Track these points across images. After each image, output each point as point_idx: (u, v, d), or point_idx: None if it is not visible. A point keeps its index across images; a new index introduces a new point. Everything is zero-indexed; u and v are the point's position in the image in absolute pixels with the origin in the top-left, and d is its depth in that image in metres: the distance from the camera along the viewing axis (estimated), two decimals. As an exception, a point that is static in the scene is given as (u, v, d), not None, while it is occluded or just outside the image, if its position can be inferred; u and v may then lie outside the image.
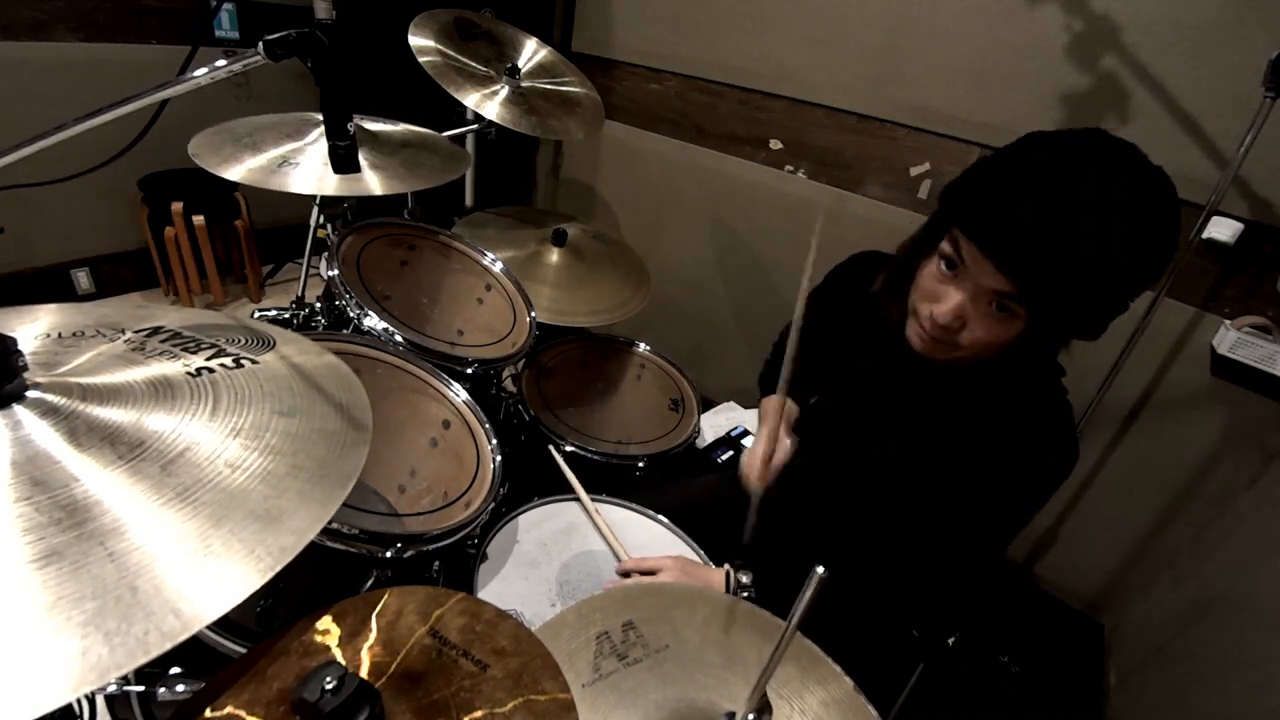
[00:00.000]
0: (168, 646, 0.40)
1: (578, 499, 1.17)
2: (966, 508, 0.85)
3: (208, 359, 0.63)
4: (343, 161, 0.86)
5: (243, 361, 0.64)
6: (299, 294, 1.73)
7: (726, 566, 0.98)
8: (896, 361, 0.90)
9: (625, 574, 1.03)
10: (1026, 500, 0.85)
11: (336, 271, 1.18)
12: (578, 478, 1.20)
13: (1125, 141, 0.72)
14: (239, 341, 0.68)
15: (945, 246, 0.77)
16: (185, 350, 0.64)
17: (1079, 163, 0.70)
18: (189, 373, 0.60)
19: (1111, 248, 0.67)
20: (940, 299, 0.77)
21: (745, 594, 0.95)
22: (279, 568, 0.47)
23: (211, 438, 0.54)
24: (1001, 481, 0.83)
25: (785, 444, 1.03)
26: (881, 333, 0.92)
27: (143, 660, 0.39)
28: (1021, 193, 0.69)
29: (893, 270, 0.89)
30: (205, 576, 0.45)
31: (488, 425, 1.11)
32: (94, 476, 0.48)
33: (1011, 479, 0.83)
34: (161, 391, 0.57)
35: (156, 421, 0.53)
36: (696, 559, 1.08)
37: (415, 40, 1.59)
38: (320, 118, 1.22)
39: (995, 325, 0.75)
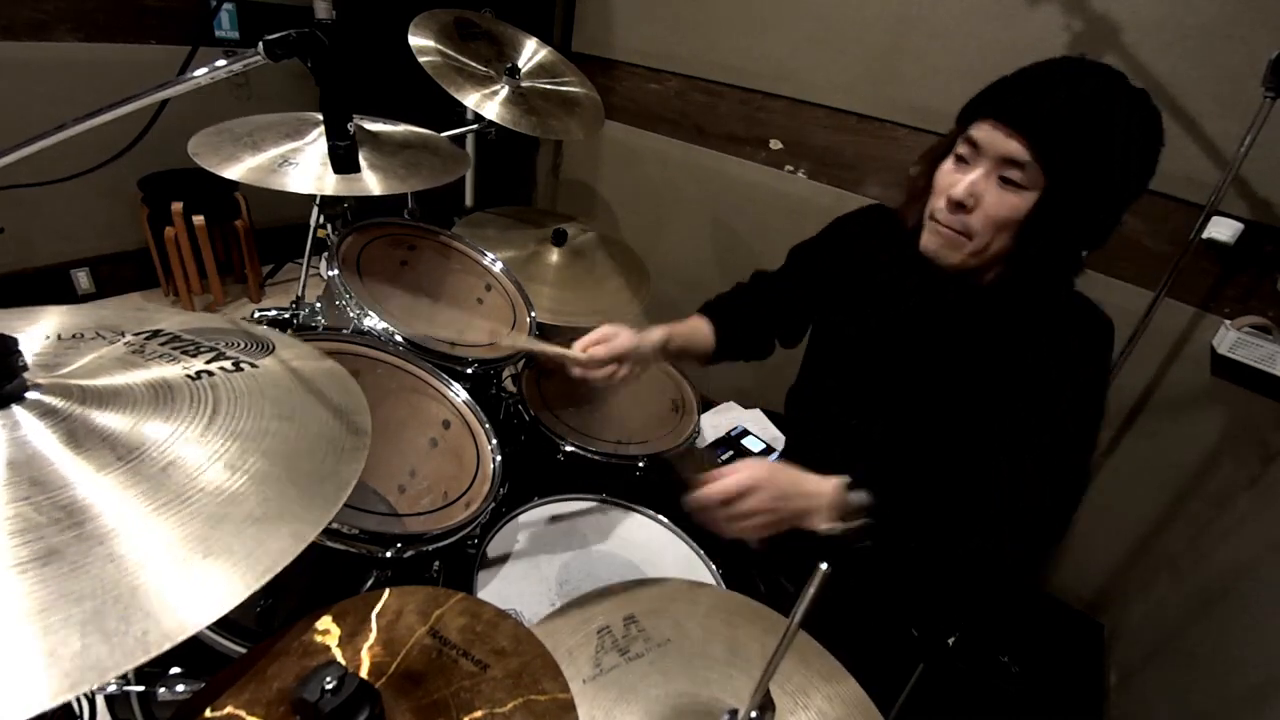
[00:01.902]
0: (167, 646, 0.40)
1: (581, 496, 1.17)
2: (1047, 423, 0.83)
3: (207, 362, 0.63)
4: (343, 161, 0.86)
5: (242, 365, 0.64)
6: (299, 294, 1.73)
7: (844, 480, 0.83)
8: (921, 293, 0.93)
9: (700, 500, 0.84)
10: (1096, 390, 0.85)
11: (336, 271, 1.18)
12: (578, 479, 1.20)
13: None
14: (238, 345, 0.68)
15: (959, 146, 0.83)
16: (185, 353, 0.64)
17: (1076, 59, 0.80)
18: (188, 376, 0.60)
19: (1112, 107, 0.75)
20: (955, 184, 0.82)
21: (859, 520, 0.80)
22: (276, 571, 0.46)
23: (211, 441, 0.54)
24: (1068, 383, 0.83)
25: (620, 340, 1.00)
26: (905, 269, 0.94)
27: (143, 659, 0.39)
28: (1025, 71, 0.80)
29: (911, 182, 0.93)
30: (204, 578, 0.45)
31: (488, 425, 1.11)
32: (92, 478, 0.48)
33: (1074, 376, 0.83)
34: (161, 395, 0.57)
35: (156, 424, 0.53)
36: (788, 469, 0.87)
37: (415, 40, 1.59)
38: (320, 118, 1.22)
39: (1006, 198, 0.79)
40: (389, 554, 0.85)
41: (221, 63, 0.70)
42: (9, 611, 0.39)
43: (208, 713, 0.51)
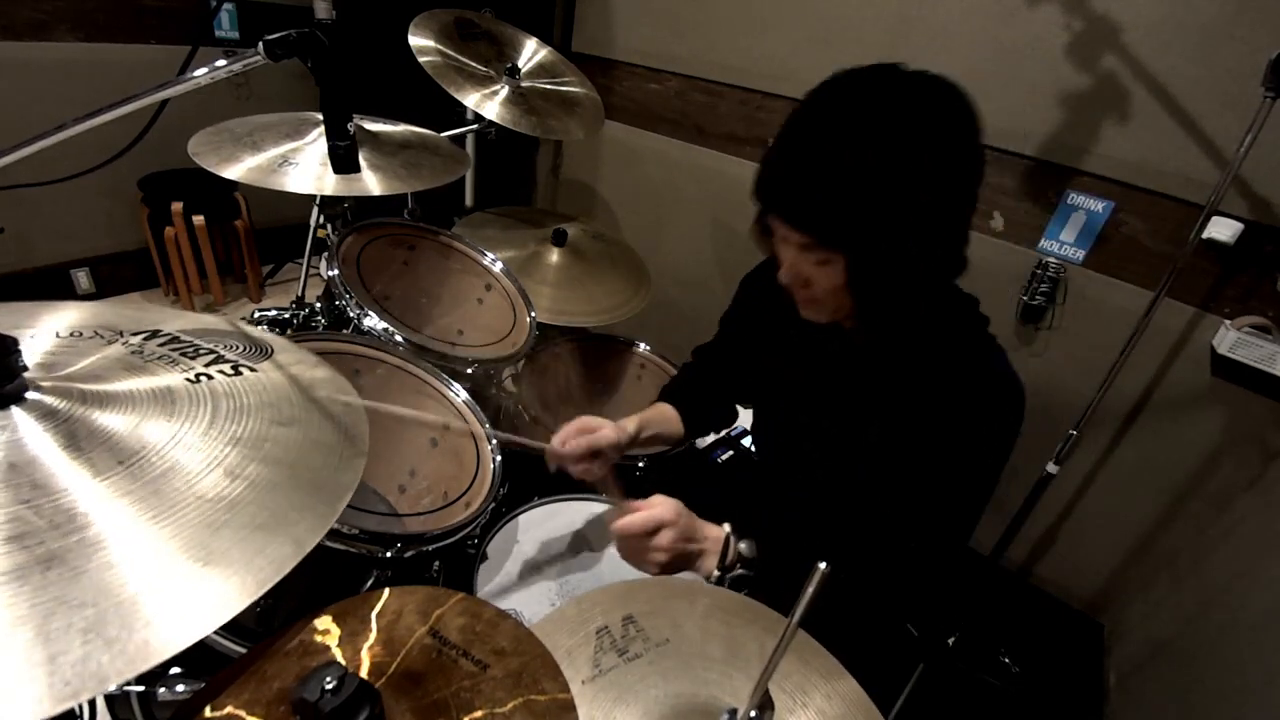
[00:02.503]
0: (168, 655, 0.40)
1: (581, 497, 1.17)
2: (924, 480, 0.84)
3: (206, 365, 0.63)
4: (343, 161, 0.86)
5: (241, 369, 0.64)
6: (299, 294, 1.73)
7: (727, 527, 0.89)
8: (814, 348, 0.95)
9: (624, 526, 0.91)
10: (983, 458, 0.83)
11: (336, 271, 1.18)
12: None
13: (880, 65, 0.73)
14: (237, 348, 0.68)
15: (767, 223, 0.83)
16: (184, 355, 0.64)
17: (814, 99, 0.76)
18: (188, 379, 0.60)
19: (866, 159, 0.69)
20: (781, 268, 0.83)
21: (740, 568, 0.87)
22: (278, 579, 0.46)
23: (210, 445, 0.54)
24: (952, 446, 0.82)
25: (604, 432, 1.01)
26: (796, 325, 0.93)
27: (143, 668, 0.39)
28: (777, 153, 0.78)
29: (767, 252, 0.92)
30: (204, 584, 0.44)
31: (487, 425, 1.11)
32: (92, 482, 0.48)
33: (960, 441, 0.82)
34: (161, 398, 0.56)
35: (155, 427, 0.53)
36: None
37: (415, 40, 1.59)
38: (320, 118, 1.22)
39: (824, 272, 0.78)
40: (389, 554, 0.85)
41: (221, 63, 0.70)
42: (9, 617, 0.39)
43: (208, 713, 0.51)
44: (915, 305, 0.81)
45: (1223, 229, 1.42)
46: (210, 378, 0.61)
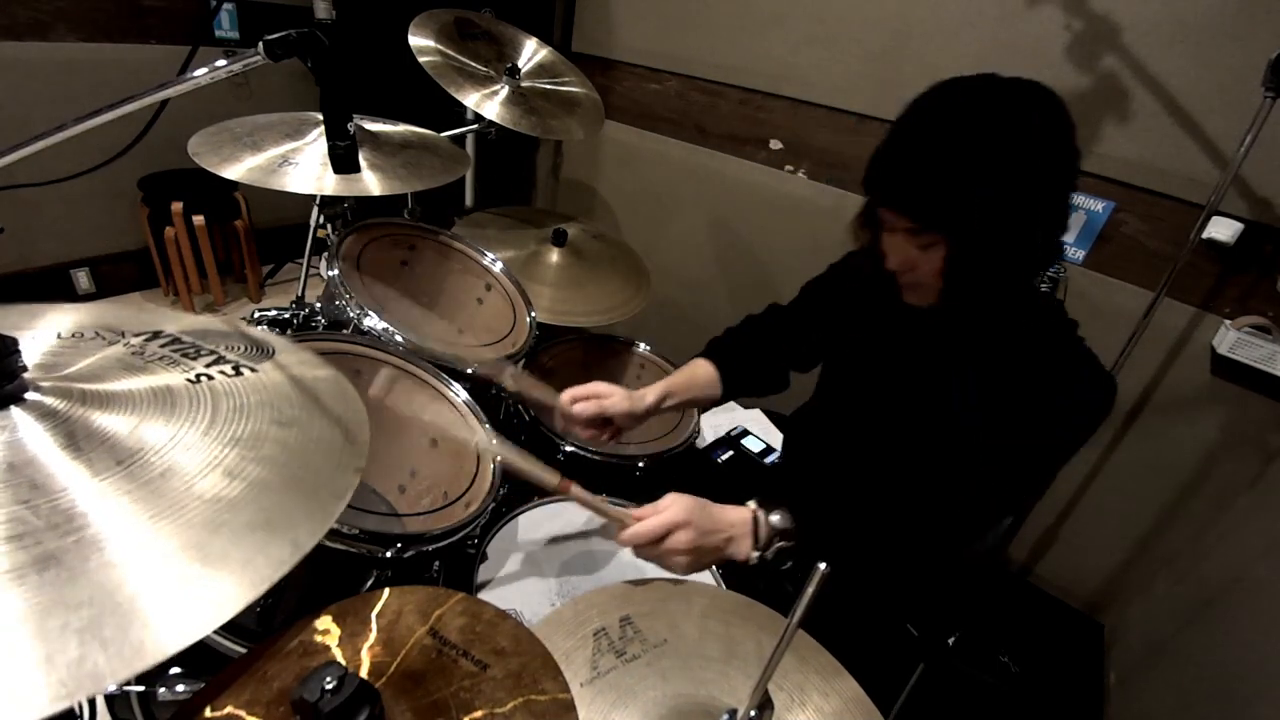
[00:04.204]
0: (164, 656, 0.40)
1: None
2: (996, 454, 0.86)
3: (207, 365, 0.63)
4: (343, 161, 0.86)
5: (242, 369, 0.64)
6: (299, 294, 1.73)
7: (752, 504, 0.87)
8: (900, 326, 0.98)
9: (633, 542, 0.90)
10: (1058, 444, 0.86)
11: (336, 271, 1.18)
12: (578, 479, 1.20)
13: (981, 74, 0.78)
14: (238, 349, 0.68)
15: (874, 216, 0.88)
16: (185, 356, 0.64)
17: (920, 101, 0.81)
18: (189, 379, 0.60)
19: (974, 150, 0.74)
20: (887, 255, 0.87)
21: (780, 541, 0.85)
22: (276, 579, 0.46)
23: (210, 445, 0.54)
24: (1023, 428, 0.85)
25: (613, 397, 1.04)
26: (887, 308, 0.97)
27: (139, 669, 0.39)
28: (889, 144, 0.82)
29: (867, 252, 0.96)
30: (202, 585, 0.44)
31: (487, 425, 1.11)
32: (92, 482, 0.48)
33: (1033, 423, 0.84)
34: (161, 398, 0.56)
35: (155, 427, 0.53)
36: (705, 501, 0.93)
37: (415, 40, 1.59)
38: (320, 118, 1.22)
39: (926, 256, 0.83)
40: (389, 554, 0.85)
41: (221, 63, 0.70)
42: (7, 618, 0.39)
43: (208, 713, 0.51)
44: (1004, 290, 0.86)
45: (1223, 229, 1.42)
46: (211, 378, 0.61)
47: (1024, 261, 0.83)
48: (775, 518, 0.86)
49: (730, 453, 1.64)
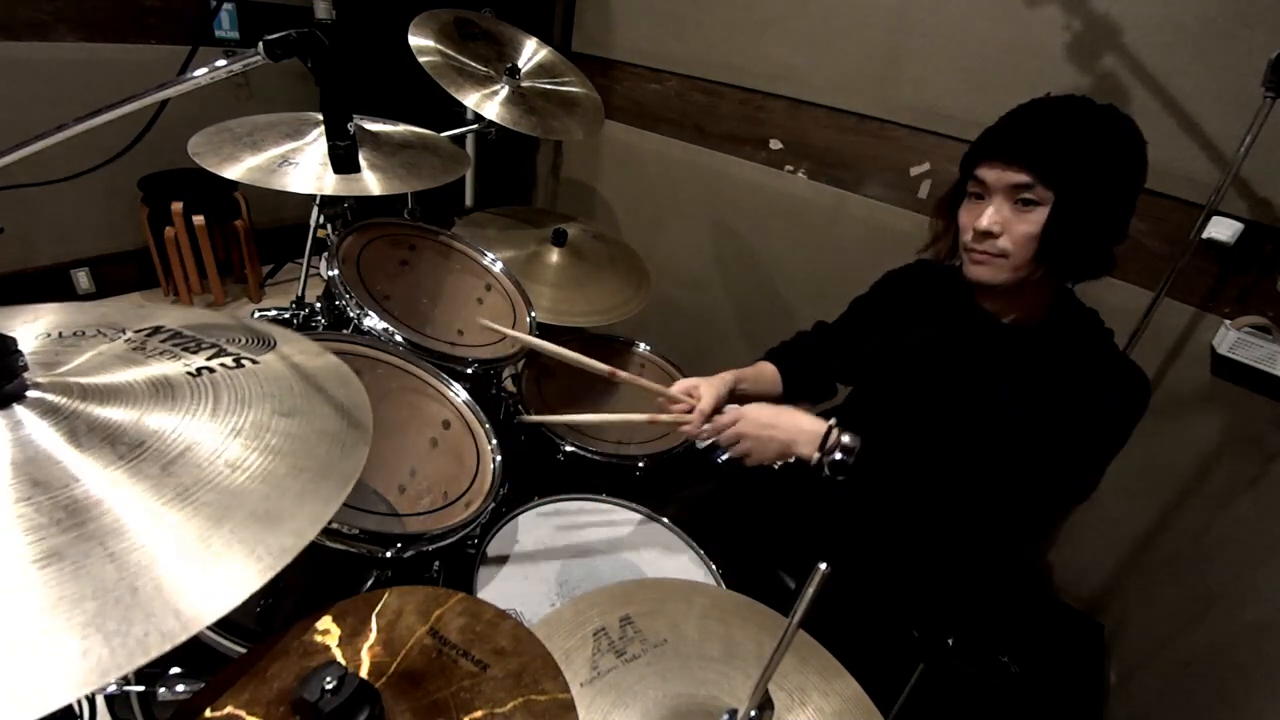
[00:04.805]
0: (167, 647, 0.40)
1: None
2: (1053, 438, 0.95)
3: (208, 359, 0.63)
4: (343, 161, 0.86)
5: (243, 361, 0.64)
6: (299, 294, 1.73)
7: (832, 421, 0.98)
8: (962, 325, 1.06)
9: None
10: (1104, 438, 0.96)
11: (336, 271, 1.18)
12: (578, 479, 1.20)
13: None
14: (239, 341, 0.68)
15: (970, 187, 0.97)
16: (186, 350, 0.64)
17: (1047, 99, 0.94)
18: (189, 373, 0.60)
19: (1086, 121, 0.89)
20: (979, 218, 0.95)
21: (843, 456, 0.95)
22: (279, 569, 0.46)
23: (212, 438, 0.54)
24: (1081, 423, 0.94)
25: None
26: (946, 307, 1.09)
27: (142, 661, 0.39)
28: (1007, 117, 0.95)
29: (941, 228, 1.07)
30: (205, 577, 0.45)
31: (488, 425, 1.11)
32: (94, 477, 0.48)
33: (1089, 419, 0.94)
34: (162, 391, 0.57)
35: (157, 421, 0.53)
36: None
37: (415, 40, 1.59)
38: (320, 118, 1.22)
39: (1026, 216, 0.91)
40: (389, 554, 0.85)
41: (221, 63, 0.70)
42: (12, 614, 0.39)
43: (208, 713, 0.51)
44: (1088, 264, 0.95)
45: (1223, 229, 1.42)
46: (212, 371, 0.61)
47: (1106, 238, 0.93)
48: (847, 437, 0.97)
49: (729, 453, 1.64)
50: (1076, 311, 1.02)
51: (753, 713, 0.57)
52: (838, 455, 0.96)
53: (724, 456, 1.07)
